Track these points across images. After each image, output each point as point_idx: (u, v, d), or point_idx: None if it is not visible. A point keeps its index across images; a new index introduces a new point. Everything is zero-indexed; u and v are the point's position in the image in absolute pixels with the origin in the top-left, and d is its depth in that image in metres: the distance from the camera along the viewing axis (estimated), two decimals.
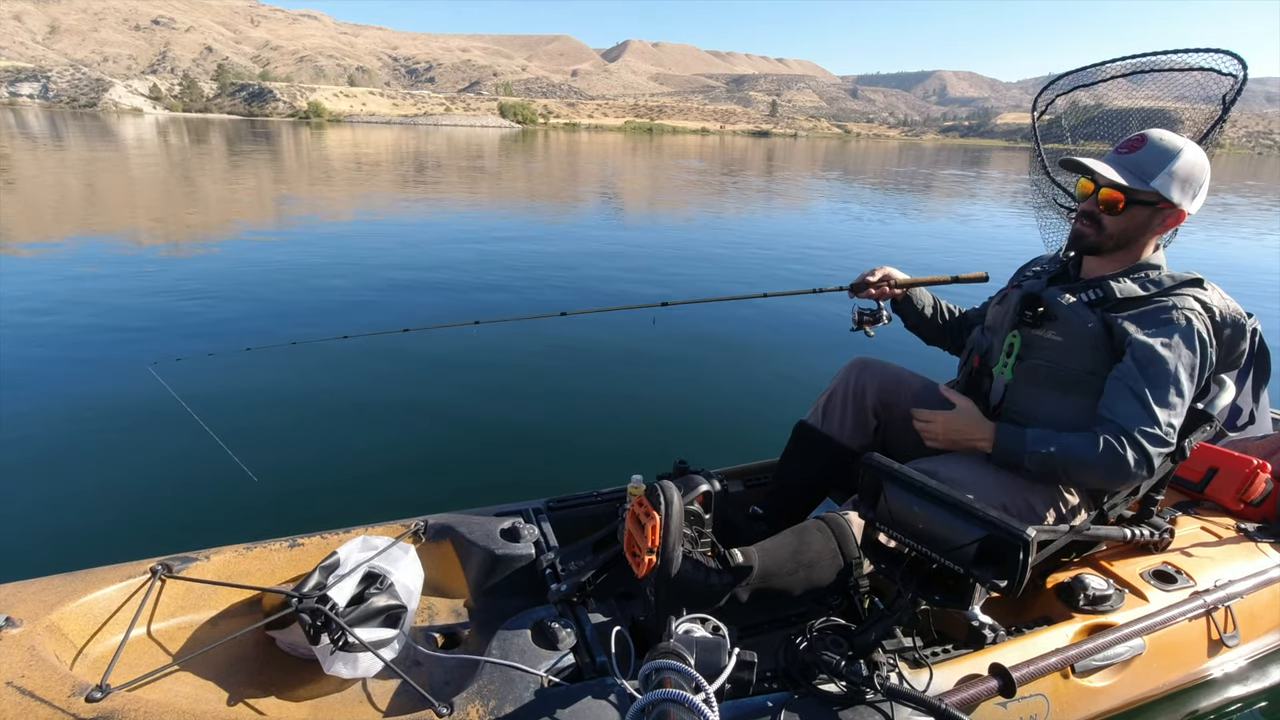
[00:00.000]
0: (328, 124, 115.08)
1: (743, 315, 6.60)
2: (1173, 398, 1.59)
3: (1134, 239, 1.73)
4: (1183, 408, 1.61)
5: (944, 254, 10.63)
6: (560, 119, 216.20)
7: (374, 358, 4.95)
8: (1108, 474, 1.59)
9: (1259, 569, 2.01)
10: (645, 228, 12.63)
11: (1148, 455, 1.56)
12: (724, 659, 1.29)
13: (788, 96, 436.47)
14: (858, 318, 2.22)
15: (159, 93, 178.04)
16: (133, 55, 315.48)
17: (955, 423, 1.80)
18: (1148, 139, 1.67)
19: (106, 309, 5.82)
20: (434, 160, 29.09)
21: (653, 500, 1.51)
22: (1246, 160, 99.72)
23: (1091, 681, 1.68)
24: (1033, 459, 1.64)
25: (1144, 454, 1.56)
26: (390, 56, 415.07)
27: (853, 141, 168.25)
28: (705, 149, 60.93)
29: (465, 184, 19.31)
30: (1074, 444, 1.61)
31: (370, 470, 3.43)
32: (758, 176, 27.61)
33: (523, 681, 1.42)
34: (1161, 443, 1.57)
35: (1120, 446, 1.55)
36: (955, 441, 1.80)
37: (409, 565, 1.71)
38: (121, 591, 1.56)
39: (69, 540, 2.80)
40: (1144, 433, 1.56)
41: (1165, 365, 1.59)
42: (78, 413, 3.85)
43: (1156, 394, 1.58)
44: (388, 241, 9.63)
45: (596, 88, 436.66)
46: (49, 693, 1.25)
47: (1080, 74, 2.45)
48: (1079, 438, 1.61)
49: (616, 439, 3.95)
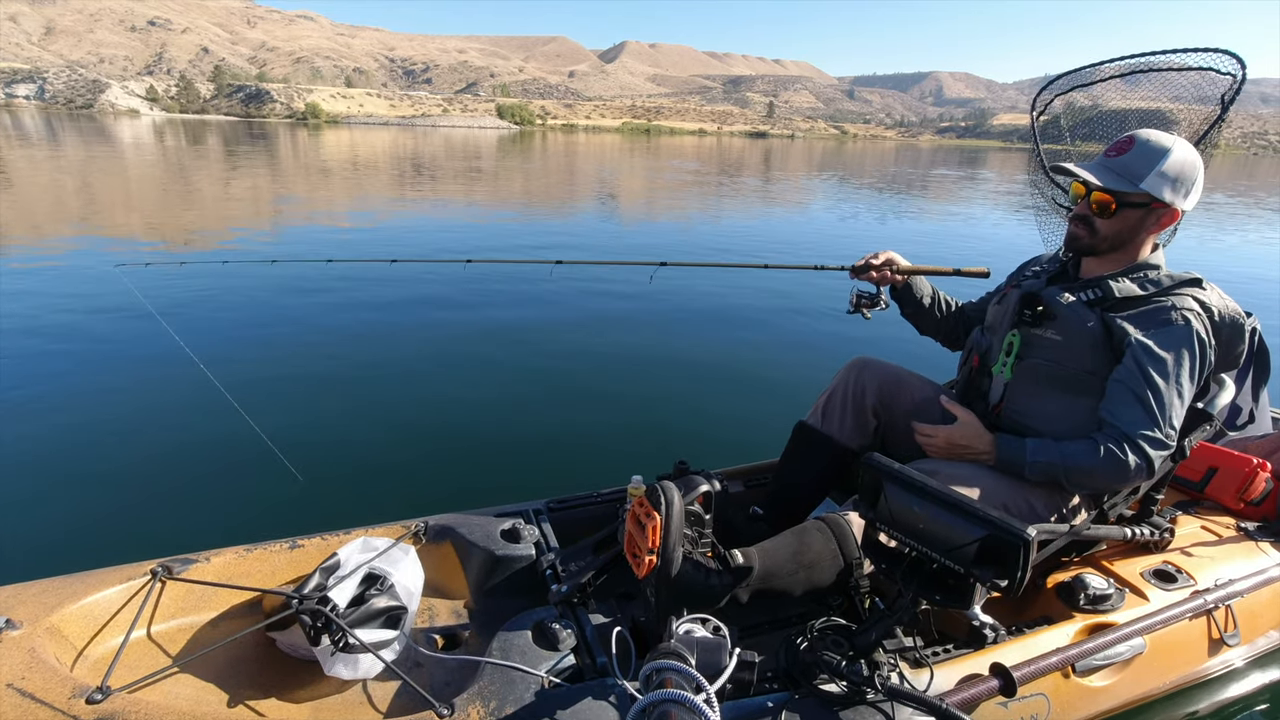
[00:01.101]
0: (325, 125, 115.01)
1: (742, 316, 6.62)
2: (1173, 400, 1.60)
3: (1129, 240, 1.74)
4: (1183, 409, 1.62)
5: (944, 251, 10.68)
6: (558, 120, 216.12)
7: (374, 358, 4.96)
8: (1109, 478, 1.61)
9: (1259, 568, 2.01)
10: (648, 226, 12.66)
11: (1149, 458, 1.57)
12: (725, 659, 1.29)
13: (784, 97, 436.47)
14: (855, 300, 2.19)
15: (156, 94, 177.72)
16: (128, 56, 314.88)
17: (956, 436, 1.81)
18: (1136, 140, 1.68)
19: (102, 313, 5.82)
20: (435, 160, 29.12)
21: (653, 501, 1.51)
22: (1241, 160, 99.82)
23: (1092, 681, 1.68)
24: (1034, 469, 1.67)
25: (1145, 457, 1.57)
26: (387, 57, 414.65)
27: (850, 142, 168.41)
28: (703, 149, 61.00)
29: (472, 185, 19.32)
30: (1075, 452, 1.62)
31: (370, 472, 3.43)
32: (758, 177, 27.62)
33: (523, 682, 1.42)
34: (1163, 446, 1.58)
35: (1122, 451, 1.57)
36: (958, 455, 1.82)
37: (409, 566, 1.70)
38: (122, 593, 1.56)
39: (72, 537, 2.80)
40: (1145, 436, 1.57)
41: (1165, 368, 1.60)
42: (79, 411, 3.85)
43: (1157, 397, 1.59)
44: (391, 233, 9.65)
45: (593, 88, 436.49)
46: (49, 694, 1.25)
47: (1078, 74, 2.44)
48: (1079, 445, 1.63)
49: (616, 440, 3.95)
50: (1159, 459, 1.58)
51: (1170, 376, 1.60)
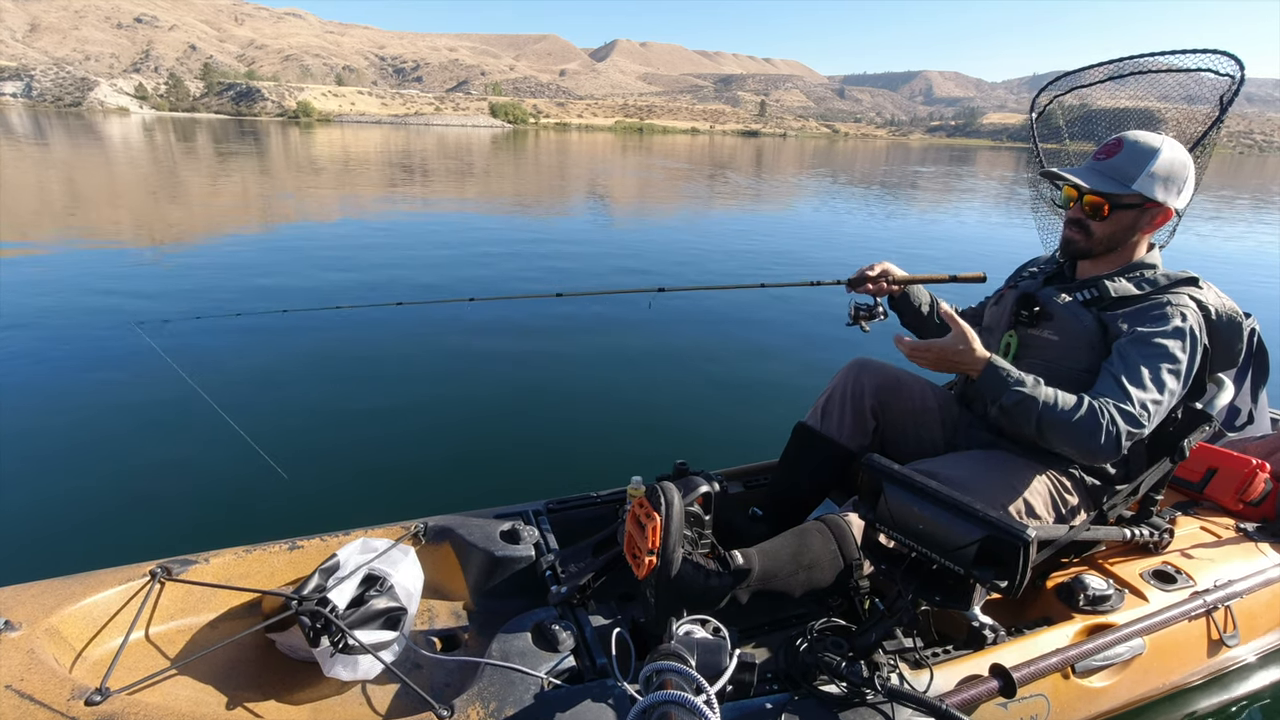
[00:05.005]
0: (317, 124, 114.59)
1: (741, 316, 6.63)
2: (1150, 382, 1.57)
3: (1124, 241, 1.74)
4: (1162, 396, 1.58)
5: (940, 254, 10.69)
6: (550, 119, 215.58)
7: (372, 362, 4.94)
8: (1077, 438, 1.55)
9: (1258, 569, 2.02)
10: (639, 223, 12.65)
11: (1119, 431, 1.52)
12: (725, 660, 1.29)
13: (775, 96, 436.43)
14: (854, 312, 2.16)
15: (145, 92, 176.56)
16: (115, 54, 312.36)
17: (950, 352, 1.68)
18: (1124, 142, 1.68)
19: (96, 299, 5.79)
20: (436, 160, 28.96)
21: (653, 501, 1.51)
22: (1227, 160, 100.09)
23: (1092, 682, 1.69)
24: (1012, 397, 1.59)
25: (1116, 429, 1.52)
26: (377, 55, 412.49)
27: (841, 141, 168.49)
28: (698, 148, 60.95)
29: (471, 184, 19.28)
30: (1060, 396, 1.58)
31: (370, 472, 3.42)
32: (757, 176, 27.63)
33: (523, 683, 1.42)
34: (1134, 421, 1.53)
35: (1102, 415, 1.53)
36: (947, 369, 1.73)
37: (409, 567, 1.70)
38: (121, 594, 1.55)
39: (72, 538, 2.80)
40: (1118, 408, 1.54)
41: (1150, 352, 1.60)
42: (78, 410, 3.84)
43: (1132, 375, 1.58)
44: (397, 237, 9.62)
45: (585, 87, 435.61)
46: (48, 696, 1.24)
47: (1076, 75, 2.45)
48: (1067, 397, 1.58)
49: (616, 441, 3.95)
50: (1127, 435, 1.53)
51: (1152, 361, 1.59)
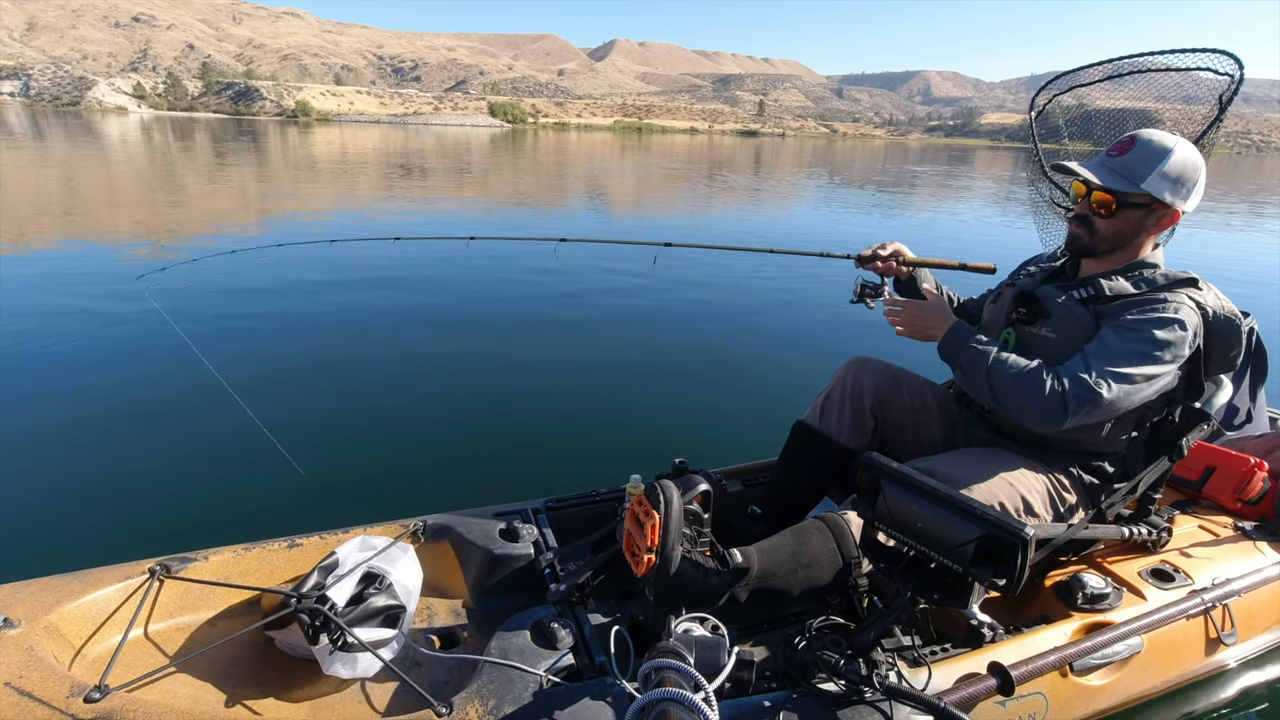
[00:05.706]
0: (316, 123, 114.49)
1: (741, 314, 6.63)
2: (1116, 357, 1.59)
3: (1129, 240, 1.74)
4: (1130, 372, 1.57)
5: (941, 254, 10.64)
6: (549, 118, 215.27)
7: (372, 361, 4.94)
8: (1023, 391, 1.60)
9: (1256, 567, 2.02)
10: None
11: (1064, 390, 1.56)
12: (723, 658, 1.29)
13: (774, 96, 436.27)
14: (859, 289, 2.12)
15: (143, 91, 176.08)
16: (113, 53, 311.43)
17: (923, 312, 1.87)
18: (1138, 140, 1.68)
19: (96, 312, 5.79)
20: (435, 160, 28.90)
21: (652, 499, 1.51)
22: (1225, 160, 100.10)
23: (1090, 680, 1.69)
24: (967, 354, 1.71)
25: (1062, 387, 1.56)
26: (375, 55, 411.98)
27: (840, 141, 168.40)
28: (697, 148, 60.92)
29: (474, 183, 19.26)
30: (1015, 358, 1.66)
31: (369, 471, 3.42)
32: (756, 176, 27.63)
33: (522, 681, 1.42)
34: (1084, 387, 1.55)
35: (1054, 381, 1.57)
36: (917, 329, 1.88)
37: (408, 565, 1.70)
38: (120, 592, 1.55)
39: (70, 535, 2.79)
40: (1071, 374, 1.57)
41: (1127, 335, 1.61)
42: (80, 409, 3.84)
43: (1098, 349, 1.61)
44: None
45: (583, 87, 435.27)
46: (47, 693, 1.24)
47: (1076, 74, 2.45)
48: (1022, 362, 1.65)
49: (615, 439, 3.95)
50: (1076, 401, 1.54)
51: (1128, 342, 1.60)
